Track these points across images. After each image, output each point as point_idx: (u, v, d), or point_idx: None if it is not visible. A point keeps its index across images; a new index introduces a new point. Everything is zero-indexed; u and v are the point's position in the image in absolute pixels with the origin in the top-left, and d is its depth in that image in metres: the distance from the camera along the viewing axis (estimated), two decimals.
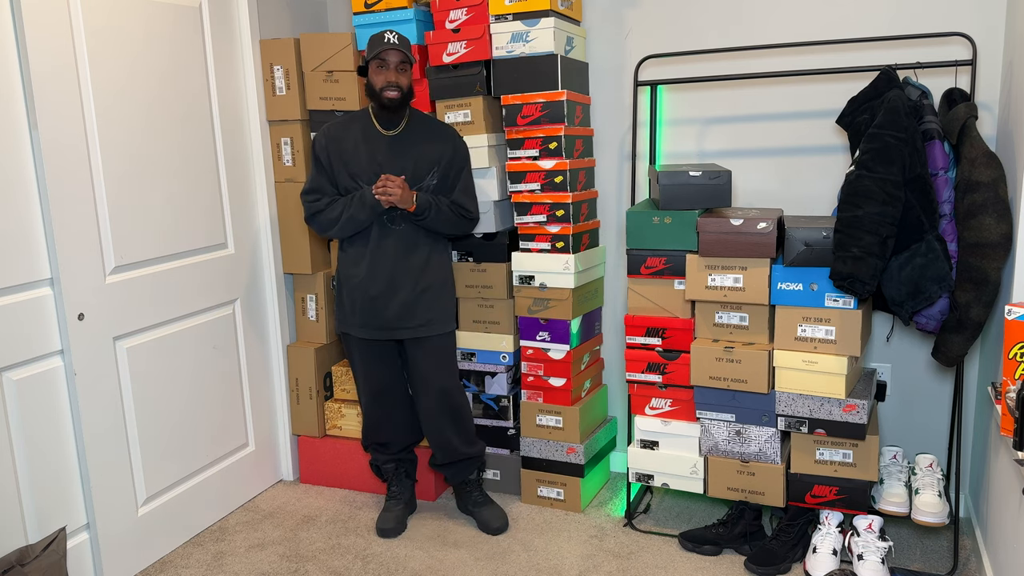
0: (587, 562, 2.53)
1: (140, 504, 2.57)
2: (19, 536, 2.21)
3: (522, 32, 2.68)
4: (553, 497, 2.90)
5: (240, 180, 2.94)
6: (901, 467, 2.52)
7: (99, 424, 2.40)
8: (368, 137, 2.56)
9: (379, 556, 2.62)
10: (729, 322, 2.47)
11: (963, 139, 2.20)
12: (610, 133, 3.00)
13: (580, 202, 2.78)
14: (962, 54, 2.53)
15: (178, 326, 2.69)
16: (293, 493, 3.11)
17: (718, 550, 2.55)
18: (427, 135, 2.59)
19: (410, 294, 2.57)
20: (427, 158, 2.56)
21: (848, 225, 2.16)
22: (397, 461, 2.83)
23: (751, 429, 2.47)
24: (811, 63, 2.70)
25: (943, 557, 2.49)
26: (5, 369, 2.16)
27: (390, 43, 2.43)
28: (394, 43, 2.43)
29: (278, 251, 3.10)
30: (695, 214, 2.45)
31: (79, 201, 2.31)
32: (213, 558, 2.64)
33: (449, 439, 2.71)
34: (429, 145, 2.57)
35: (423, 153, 2.56)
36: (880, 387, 2.59)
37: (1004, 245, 2.08)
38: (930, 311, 2.24)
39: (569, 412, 2.83)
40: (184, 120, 2.67)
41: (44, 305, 2.26)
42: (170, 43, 2.60)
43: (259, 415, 3.08)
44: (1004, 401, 1.75)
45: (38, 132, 2.19)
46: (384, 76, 2.46)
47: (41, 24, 2.18)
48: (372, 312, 2.58)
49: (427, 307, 2.60)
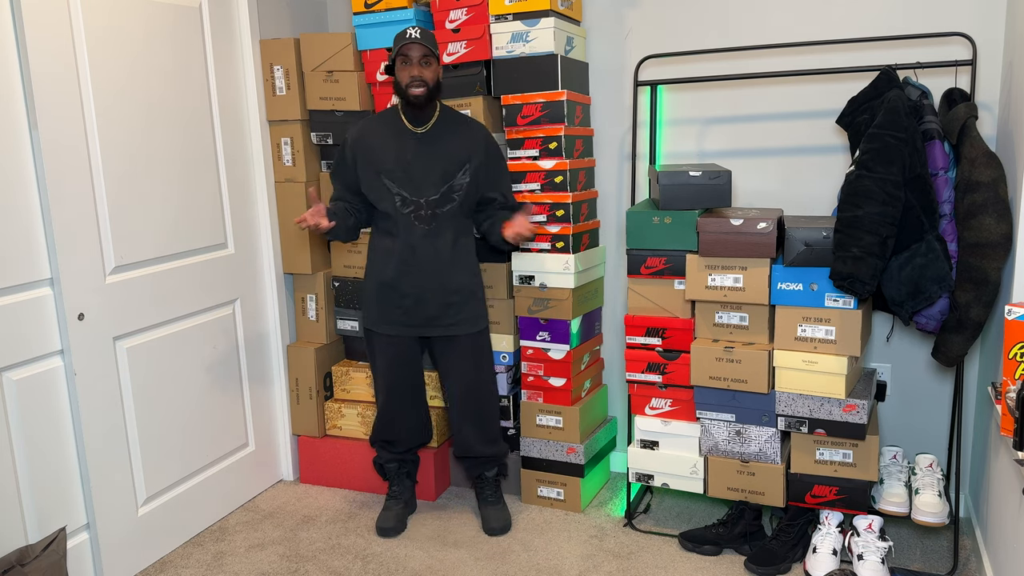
0: (587, 562, 2.53)
1: (140, 504, 2.57)
2: (19, 536, 2.21)
3: (522, 32, 2.68)
4: (553, 497, 2.90)
5: (240, 180, 2.94)
6: (901, 467, 2.52)
7: (99, 424, 2.40)
8: (397, 134, 2.56)
9: (379, 556, 2.62)
10: (729, 322, 2.47)
11: (963, 139, 2.20)
12: (610, 133, 3.01)
13: (580, 202, 2.78)
14: (962, 54, 2.53)
15: (178, 326, 2.69)
16: (293, 493, 3.11)
17: (718, 550, 2.55)
18: (456, 132, 2.58)
19: (440, 293, 2.57)
20: (457, 158, 2.55)
21: (848, 225, 2.16)
22: (400, 461, 2.84)
23: (751, 429, 2.47)
24: (811, 63, 2.70)
25: (943, 557, 2.49)
26: (5, 369, 2.16)
27: (412, 38, 2.42)
28: (416, 37, 2.42)
29: (278, 251, 3.10)
30: (695, 214, 2.45)
31: (79, 201, 2.31)
32: (213, 558, 2.64)
33: (468, 434, 2.73)
34: (457, 142, 2.56)
35: (452, 152, 2.55)
36: (880, 387, 2.59)
37: (1004, 245, 2.08)
38: (930, 311, 2.24)
39: (569, 412, 2.83)
40: (184, 120, 2.67)
41: (44, 305, 2.26)
42: (170, 43, 2.60)
43: (259, 415, 3.08)
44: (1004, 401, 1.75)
45: (38, 132, 2.19)
46: (408, 72, 2.45)
47: (41, 24, 2.18)
48: (401, 310, 2.59)
49: (458, 307, 2.61)
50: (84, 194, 2.33)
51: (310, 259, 3.06)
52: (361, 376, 3.08)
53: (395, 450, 2.81)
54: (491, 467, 2.80)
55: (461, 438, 2.75)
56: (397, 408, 2.73)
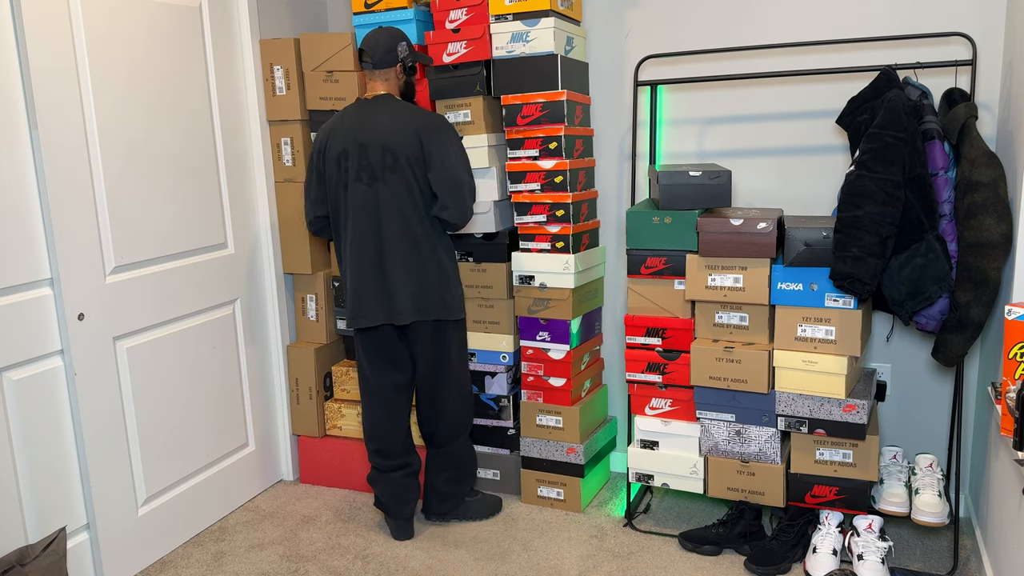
0: (587, 562, 2.54)
1: (140, 504, 2.57)
2: (19, 536, 2.21)
3: (522, 32, 2.68)
4: (553, 497, 2.90)
5: (240, 180, 2.94)
6: (901, 467, 2.52)
7: (99, 424, 2.40)
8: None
9: (379, 556, 2.62)
10: (729, 322, 2.47)
11: (963, 139, 2.20)
12: (610, 133, 3.00)
13: (580, 202, 2.78)
14: (962, 54, 2.53)
15: (178, 326, 2.69)
16: (293, 493, 3.11)
17: (718, 550, 2.55)
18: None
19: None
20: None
21: (848, 225, 2.16)
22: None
23: (751, 429, 2.47)
24: (811, 63, 2.70)
25: (943, 557, 2.49)
26: (5, 369, 2.16)
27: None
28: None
29: (278, 251, 3.10)
30: (695, 214, 2.45)
31: (79, 201, 2.31)
32: (213, 558, 2.64)
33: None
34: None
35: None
36: (880, 387, 2.59)
37: (1004, 245, 2.08)
38: (930, 311, 2.24)
39: (569, 412, 2.83)
40: (184, 120, 2.67)
41: (44, 305, 2.26)
42: (170, 43, 2.60)
43: (259, 415, 3.08)
44: (1004, 401, 1.75)
45: (38, 132, 2.19)
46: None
47: (41, 24, 2.18)
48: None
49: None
50: (84, 194, 2.33)
51: (310, 259, 3.06)
52: None
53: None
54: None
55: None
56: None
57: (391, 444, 2.67)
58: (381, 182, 2.47)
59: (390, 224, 2.48)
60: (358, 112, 2.51)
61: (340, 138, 2.50)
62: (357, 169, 2.48)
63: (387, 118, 2.48)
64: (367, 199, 2.48)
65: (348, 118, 2.52)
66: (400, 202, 2.48)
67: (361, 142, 2.48)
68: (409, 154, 2.46)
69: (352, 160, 2.48)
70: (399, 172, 2.46)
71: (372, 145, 2.47)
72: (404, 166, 2.46)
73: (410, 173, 2.47)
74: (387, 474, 2.69)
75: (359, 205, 2.49)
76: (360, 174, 2.48)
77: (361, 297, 2.53)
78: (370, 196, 2.48)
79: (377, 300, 2.52)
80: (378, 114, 2.49)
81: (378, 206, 2.48)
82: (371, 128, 2.47)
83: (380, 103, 2.51)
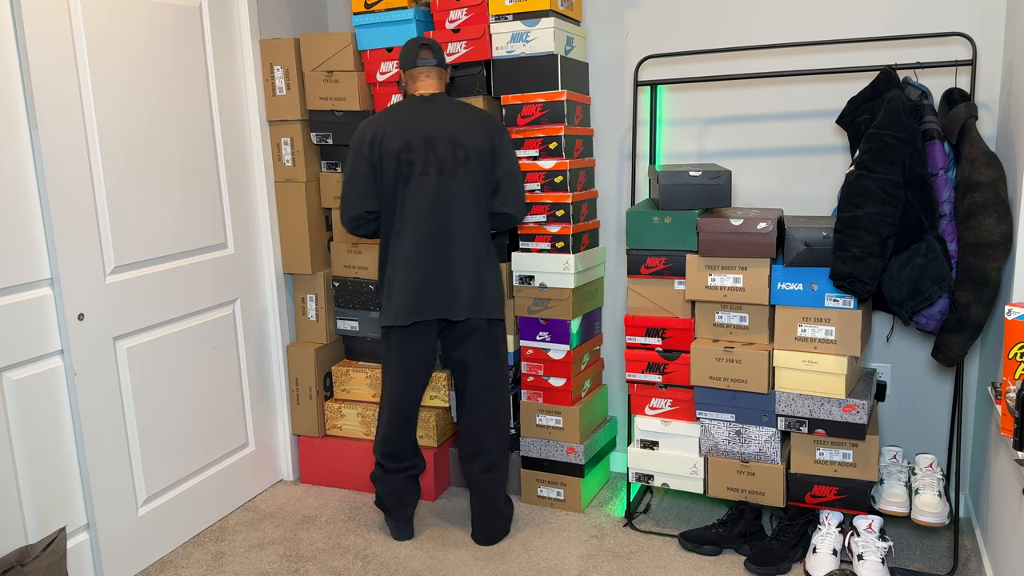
0: (587, 562, 2.54)
1: (140, 504, 2.57)
2: (19, 536, 2.21)
3: (522, 32, 2.68)
4: (553, 497, 2.90)
5: (240, 180, 2.94)
6: (901, 467, 2.52)
7: (99, 424, 2.40)
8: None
9: (379, 556, 2.62)
10: (729, 322, 2.47)
11: (963, 139, 2.20)
12: (610, 133, 3.01)
13: (580, 202, 2.78)
14: (962, 54, 2.53)
15: (178, 326, 2.69)
16: (293, 493, 3.11)
17: (718, 550, 2.55)
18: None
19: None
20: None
21: (848, 225, 2.16)
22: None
23: (751, 429, 2.47)
24: (811, 63, 2.70)
25: (943, 557, 2.49)
26: (5, 369, 2.16)
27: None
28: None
29: (278, 251, 3.10)
30: (695, 214, 2.45)
31: (79, 201, 2.31)
32: (213, 558, 2.64)
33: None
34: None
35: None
36: (880, 387, 2.59)
37: (1004, 245, 2.08)
38: (930, 311, 2.24)
39: (569, 412, 2.83)
40: (184, 120, 2.67)
41: (44, 305, 2.26)
42: (170, 43, 2.60)
43: (259, 415, 3.08)
44: (1004, 401, 1.75)
45: (38, 132, 2.19)
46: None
47: (41, 24, 2.18)
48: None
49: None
50: (84, 194, 2.33)
51: (310, 259, 3.06)
52: (361, 376, 3.08)
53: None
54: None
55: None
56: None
57: (403, 448, 2.67)
58: (450, 176, 2.45)
59: (459, 218, 2.46)
60: (417, 107, 2.50)
61: (400, 131, 2.46)
62: (424, 163, 2.45)
63: (454, 114, 2.48)
64: (433, 192, 2.45)
65: (405, 112, 2.50)
66: (467, 196, 2.47)
67: (427, 136, 2.45)
68: (481, 149, 2.47)
69: (418, 153, 2.45)
70: (468, 166, 2.46)
71: (440, 139, 2.45)
72: (474, 161, 2.46)
73: (477, 168, 2.47)
74: (392, 475, 2.69)
75: (424, 198, 2.45)
76: (427, 168, 2.45)
77: (414, 292, 2.47)
78: (438, 189, 2.45)
79: (433, 295, 2.48)
80: (442, 110, 2.49)
81: (446, 199, 2.45)
82: (437, 123, 2.46)
83: (440, 100, 2.52)
